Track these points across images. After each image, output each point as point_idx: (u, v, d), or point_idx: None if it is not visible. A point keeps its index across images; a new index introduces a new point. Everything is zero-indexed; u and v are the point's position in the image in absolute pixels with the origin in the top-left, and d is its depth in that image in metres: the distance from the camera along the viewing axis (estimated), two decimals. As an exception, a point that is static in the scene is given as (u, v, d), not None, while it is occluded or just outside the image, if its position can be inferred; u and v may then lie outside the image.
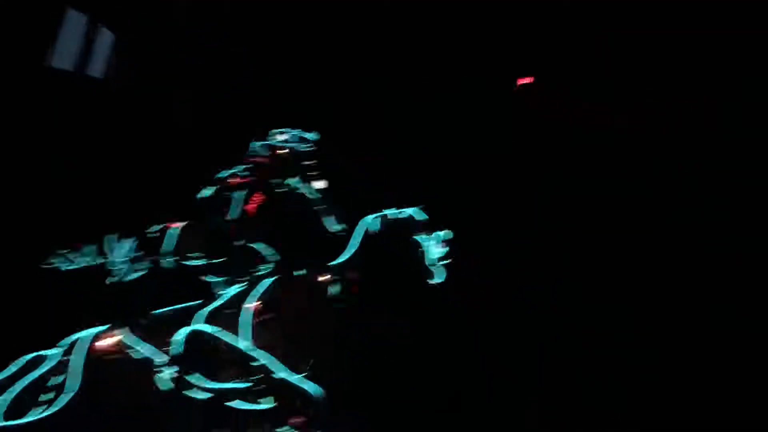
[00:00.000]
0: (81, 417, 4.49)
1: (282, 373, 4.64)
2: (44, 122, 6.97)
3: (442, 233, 5.20)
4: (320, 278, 5.30)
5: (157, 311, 5.17)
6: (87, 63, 7.36)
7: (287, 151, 6.02)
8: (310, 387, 4.58)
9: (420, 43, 7.59)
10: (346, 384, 4.83)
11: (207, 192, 5.83)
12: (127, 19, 7.45)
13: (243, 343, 4.78)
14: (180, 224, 5.61)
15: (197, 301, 5.24)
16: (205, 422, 4.57)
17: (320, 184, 5.90)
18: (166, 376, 4.63)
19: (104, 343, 4.84)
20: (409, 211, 5.35)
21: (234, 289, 5.24)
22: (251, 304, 4.98)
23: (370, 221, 5.43)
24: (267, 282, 5.18)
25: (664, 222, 6.74)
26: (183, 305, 5.24)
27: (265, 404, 4.61)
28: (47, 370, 4.71)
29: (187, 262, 5.50)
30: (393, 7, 7.68)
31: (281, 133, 6.23)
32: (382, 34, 7.54)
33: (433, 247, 5.14)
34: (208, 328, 4.79)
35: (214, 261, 5.47)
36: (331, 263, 5.38)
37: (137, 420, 4.53)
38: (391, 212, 5.49)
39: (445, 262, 5.19)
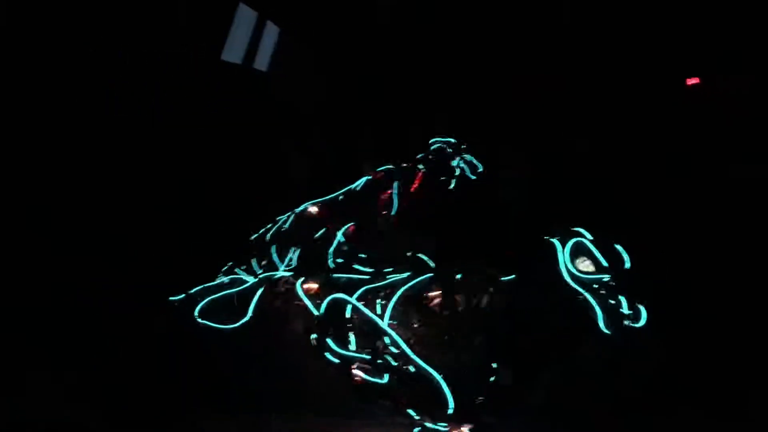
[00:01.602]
0: (245, 338, 5.36)
1: (411, 359, 4.74)
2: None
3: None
4: (481, 287, 5.19)
5: (334, 275, 5.75)
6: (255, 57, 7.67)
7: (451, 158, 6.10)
8: (432, 371, 4.59)
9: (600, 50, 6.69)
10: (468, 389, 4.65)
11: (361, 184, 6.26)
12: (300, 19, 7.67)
13: (385, 321, 5.01)
14: (344, 227, 5.97)
15: (366, 276, 5.66)
16: (325, 383, 4.93)
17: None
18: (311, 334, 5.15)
19: (282, 286, 5.63)
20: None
21: (401, 275, 5.47)
22: (399, 293, 5.17)
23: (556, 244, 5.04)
24: (426, 276, 5.30)
25: None
26: (355, 276, 5.72)
27: (381, 378, 4.77)
28: (239, 290, 5.72)
29: (357, 266, 5.79)
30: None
31: (446, 143, 6.30)
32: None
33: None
34: (350, 300, 5.11)
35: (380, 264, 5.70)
36: (505, 278, 5.22)
37: (280, 360, 5.15)
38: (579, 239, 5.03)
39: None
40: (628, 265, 4.90)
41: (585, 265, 4.68)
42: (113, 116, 6.94)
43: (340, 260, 5.83)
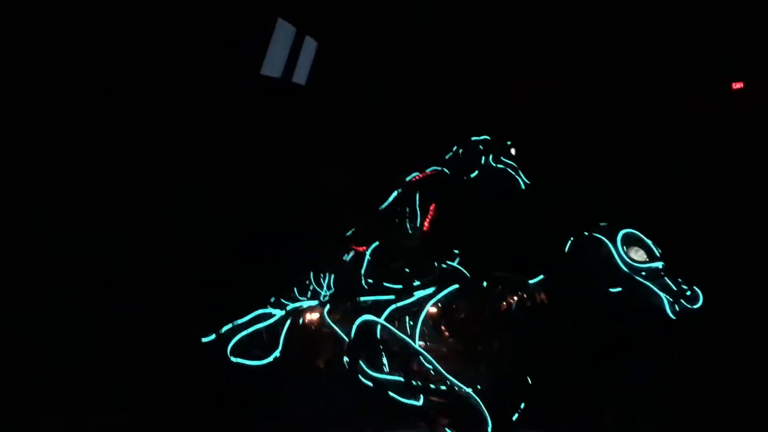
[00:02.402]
0: (277, 372, 5.33)
1: (444, 377, 4.63)
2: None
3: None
4: (512, 295, 5.07)
5: (360, 298, 5.69)
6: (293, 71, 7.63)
7: (475, 163, 5.92)
8: (468, 390, 4.49)
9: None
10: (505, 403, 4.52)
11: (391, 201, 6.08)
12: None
13: (416, 341, 4.93)
14: (373, 245, 5.89)
15: (391, 296, 5.59)
16: (360, 407, 4.86)
17: (515, 195, 5.62)
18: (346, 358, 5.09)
19: (308, 315, 5.61)
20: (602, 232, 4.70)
21: (427, 291, 5.40)
22: (427, 307, 5.08)
23: (569, 242, 4.93)
24: (452, 288, 5.20)
25: None
26: (381, 297, 5.65)
27: (419, 402, 4.67)
28: (267, 324, 5.71)
29: (386, 283, 5.68)
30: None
31: (470, 144, 6.13)
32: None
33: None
34: (379, 321, 5.05)
35: (412, 280, 5.64)
36: (531, 281, 5.09)
37: (314, 388, 5.11)
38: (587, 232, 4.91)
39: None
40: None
41: (639, 255, 4.52)
42: (117, 117, 6.91)
43: (371, 281, 5.77)
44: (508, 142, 5.91)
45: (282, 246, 6.91)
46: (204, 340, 5.83)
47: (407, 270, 5.71)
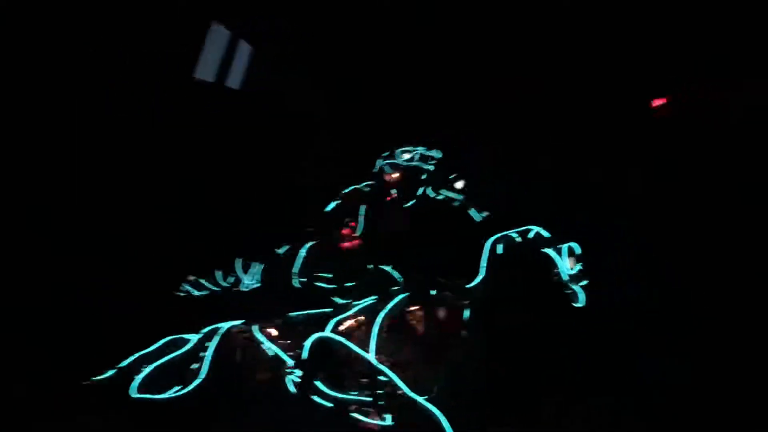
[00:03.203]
0: (206, 401, 4.59)
1: (406, 391, 4.43)
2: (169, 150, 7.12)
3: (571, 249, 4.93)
4: (455, 299, 5.10)
5: (292, 314, 5.23)
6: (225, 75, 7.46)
7: (412, 169, 6.14)
8: (433, 409, 4.31)
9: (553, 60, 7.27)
10: (468, 408, 4.48)
11: (332, 207, 6.12)
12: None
13: (369, 355, 4.66)
14: (308, 244, 5.85)
15: (329, 309, 5.25)
16: (322, 427, 4.43)
17: (449, 200, 5.86)
18: (292, 377, 4.60)
19: (236, 336, 4.96)
20: (534, 230, 5.08)
21: (366, 302, 5.18)
22: (381, 319, 4.86)
23: (497, 242, 5.22)
24: (399, 298, 5.05)
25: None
26: (316, 311, 5.28)
27: (384, 421, 4.40)
28: (183, 352, 4.92)
29: (319, 283, 5.71)
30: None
31: (407, 151, 6.34)
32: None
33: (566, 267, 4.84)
34: (336, 337, 4.70)
35: (343, 279, 5.60)
36: (469, 285, 5.17)
37: (255, 413, 4.51)
38: (516, 232, 5.29)
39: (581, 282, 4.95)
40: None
41: (572, 261, 4.89)
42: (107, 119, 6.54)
43: (303, 279, 5.69)
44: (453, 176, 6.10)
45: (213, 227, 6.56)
46: (99, 378, 4.80)
47: (341, 271, 5.65)
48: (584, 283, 5.05)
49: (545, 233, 5.28)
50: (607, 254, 5.32)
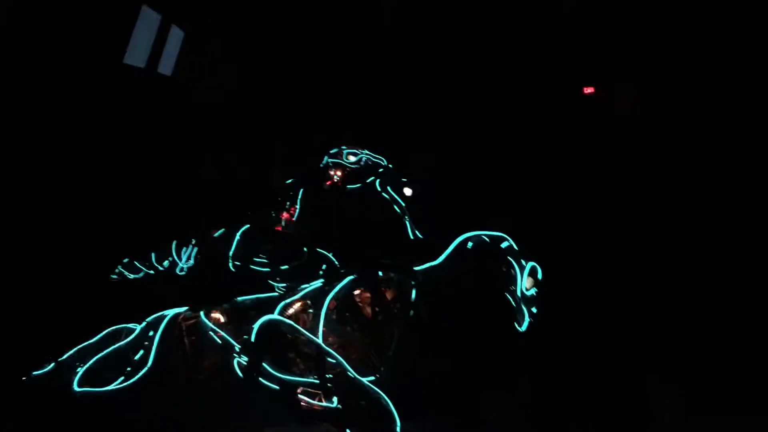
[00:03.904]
0: (152, 391, 4.54)
1: (352, 373, 4.47)
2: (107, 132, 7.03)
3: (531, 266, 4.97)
4: (402, 282, 5.13)
5: (238, 298, 5.19)
6: (158, 61, 7.37)
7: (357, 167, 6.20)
8: (378, 391, 4.39)
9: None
10: (414, 390, 4.56)
11: (273, 194, 6.13)
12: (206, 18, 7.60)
13: (316, 338, 4.67)
14: (244, 227, 5.85)
15: (275, 293, 5.24)
16: (269, 411, 4.44)
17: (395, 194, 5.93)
18: (239, 361, 4.59)
19: (182, 323, 4.90)
20: (506, 241, 5.11)
21: (313, 285, 5.17)
22: (328, 301, 4.87)
23: (467, 238, 5.21)
24: (346, 280, 5.06)
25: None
26: (263, 295, 5.26)
27: (331, 403, 4.44)
28: (127, 342, 4.84)
29: (256, 267, 5.74)
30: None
31: (353, 153, 6.39)
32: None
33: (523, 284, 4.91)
34: (284, 320, 4.69)
35: (279, 263, 5.62)
36: (417, 267, 5.20)
37: (202, 400, 4.49)
38: (485, 234, 5.28)
39: (532, 292, 4.99)
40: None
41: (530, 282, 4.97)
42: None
43: (238, 263, 5.72)
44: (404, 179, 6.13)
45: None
46: (36, 373, 4.68)
47: (278, 254, 5.69)
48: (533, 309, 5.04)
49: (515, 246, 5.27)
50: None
